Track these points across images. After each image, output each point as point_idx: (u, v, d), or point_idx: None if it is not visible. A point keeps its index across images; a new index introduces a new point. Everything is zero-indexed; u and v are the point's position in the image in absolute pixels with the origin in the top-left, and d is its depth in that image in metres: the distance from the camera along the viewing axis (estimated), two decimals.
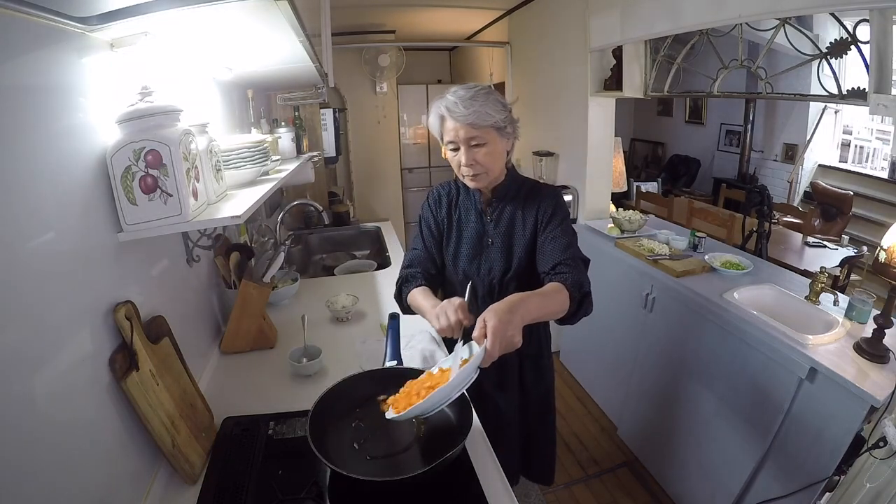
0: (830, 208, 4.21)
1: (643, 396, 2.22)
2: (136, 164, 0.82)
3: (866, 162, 4.73)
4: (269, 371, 1.38)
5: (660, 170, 6.53)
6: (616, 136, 2.82)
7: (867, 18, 1.46)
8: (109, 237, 0.85)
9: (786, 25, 1.74)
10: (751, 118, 5.31)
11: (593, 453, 2.33)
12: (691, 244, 2.26)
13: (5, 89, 0.62)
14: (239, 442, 1.06)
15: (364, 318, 1.72)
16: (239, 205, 1.01)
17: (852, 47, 1.55)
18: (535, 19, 3.11)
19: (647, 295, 2.10)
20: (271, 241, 2.25)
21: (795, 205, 4.67)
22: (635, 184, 4.93)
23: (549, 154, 3.05)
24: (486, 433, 1.10)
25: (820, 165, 4.95)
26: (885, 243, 1.32)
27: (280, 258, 1.70)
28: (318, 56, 1.63)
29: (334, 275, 2.32)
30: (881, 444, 1.20)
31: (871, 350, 1.38)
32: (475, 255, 1.26)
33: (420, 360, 1.40)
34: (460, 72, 5.16)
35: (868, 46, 1.48)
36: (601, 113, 2.65)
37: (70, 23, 0.72)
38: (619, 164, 3.03)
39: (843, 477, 1.31)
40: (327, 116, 2.91)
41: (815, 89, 1.74)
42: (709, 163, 6.07)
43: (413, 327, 1.52)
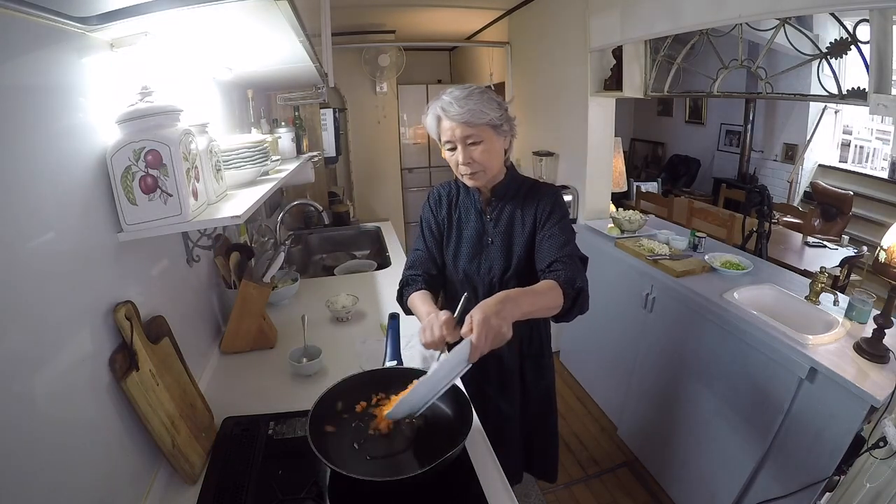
0: (830, 208, 4.21)
1: (643, 396, 2.22)
2: (136, 164, 0.82)
3: (866, 162, 4.73)
4: (269, 371, 1.38)
5: (660, 170, 6.53)
6: (616, 136, 2.82)
7: (867, 18, 1.46)
8: (109, 237, 0.85)
9: (786, 25, 1.74)
10: (751, 118, 5.31)
11: (593, 453, 2.33)
12: (691, 244, 2.26)
13: (5, 89, 0.62)
14: (239, 442, 1.06)
15: (364, 318, 1.72)
16: (239, 205, 1.01)
17: (852, 47, 1.55)
18: (535, 19, 3.11)
19: (647, 295, 2.10)
20: (271, 241, 2.25)
21: (795, 205, 4.67)
22: (635, 184, 4.93)
23: (550, 154, 3.05)
24: (486, 433, 1.10)
25: (820, 165, 4.95)
26: (885, 243, 1.32)
27: (280, 258, 1.70)
28: (318, 56, 1.63)
29: (334, 275, 2.32)
30: (881, 444, 1.20)
31: (871, 350, 1.38)
32: (475, 255, 1.26)
33: (420, 360, 1.40)
34: (460, 72, 5.16)
35: (868, 46, 1.48)
36: (601, 113, 2.65)
37: (70, 23, 0.72)
38: (619, 164, 3.03)
39: (843, 477, 1.31)
40: (327, 116, 2.91)
41: (815, 89, 1.74)
42: (709, 163, 6.07)
43: (413, 327, 1.50)
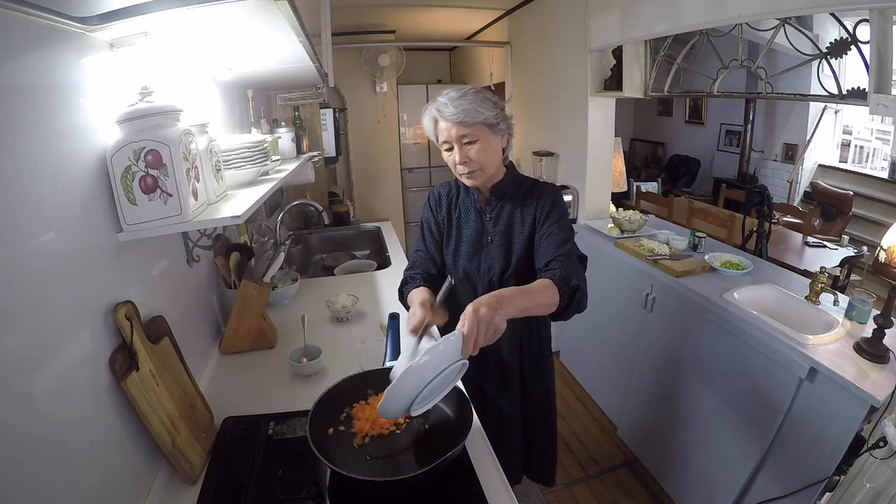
0: (830, 208, 4.21)
1: (643, 396, 2.22)
2: (136, 164, 0.82)
3: (866, 162, 4.73)
4: (269, 371, 1.38)
5: (660, 170, 6.53)
6: (616, 136, 2.82)
7: (867, 18, 1.46)
8: (109, 237, 0.85)
9: (786, 25, 1.74)
10: (751, 118, 5.30)
11: (593, 453, 2.33)
12: (691, 244, 2.26)
13: (5, 89, 0.62)
14: (239, 442, 1.06)
15: (364, 318, 1.72)
16: (239, 205, 1.01)
17: (852, 47, 1.55)
18: (535, 19, 3.11)
19: (647, 295, 2.10)
20: (271, 241, 2.25)
21: (795, 205, 4.67)
22: (635, 184, 4.93)
23: (550, 154, 3.05)
24: (486, 433, 1.10)
25: (820, 165, 4.95)
26: (885, 243, 1.32)
27: (280, 258, 1.70)
28: (318, 56, 1.63)
29: (334, 275, 2.32)
30: (881, 444, 1.20)
31: (871, 350, 1.38)
32: (475, 254, 1.27)
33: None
34: (460, 72, 5.16)
35: (868, 46, 1.48)
36: (601, 113, 2.65)
37: (70, 23, 0.72)
38: (619, 164, 3.03)
39: (843, 477, 1.31)
40: (327, 116, 2.91)
41: (815, 89, 1.74)
42: (709, 163, 6.07)
43: None
